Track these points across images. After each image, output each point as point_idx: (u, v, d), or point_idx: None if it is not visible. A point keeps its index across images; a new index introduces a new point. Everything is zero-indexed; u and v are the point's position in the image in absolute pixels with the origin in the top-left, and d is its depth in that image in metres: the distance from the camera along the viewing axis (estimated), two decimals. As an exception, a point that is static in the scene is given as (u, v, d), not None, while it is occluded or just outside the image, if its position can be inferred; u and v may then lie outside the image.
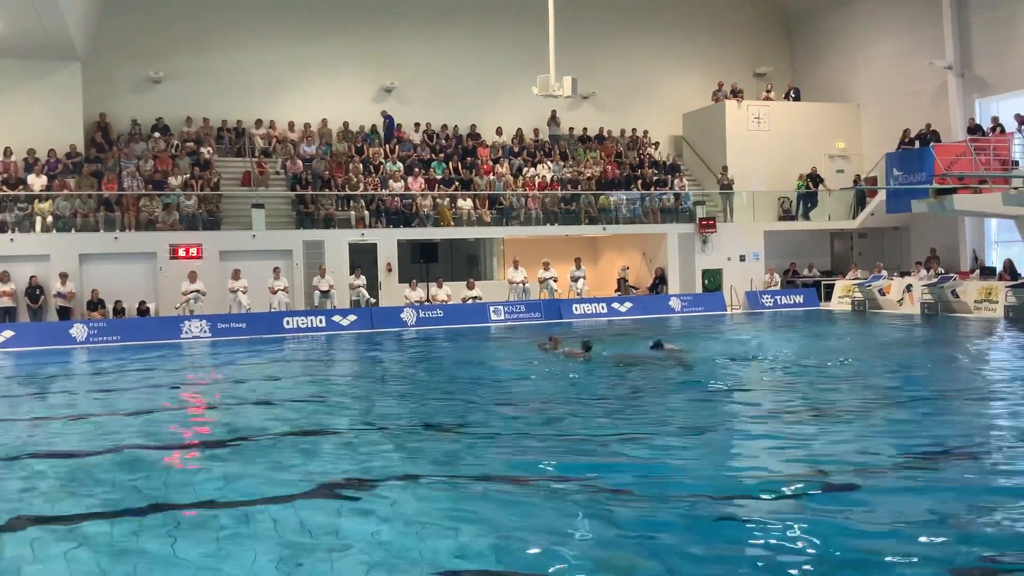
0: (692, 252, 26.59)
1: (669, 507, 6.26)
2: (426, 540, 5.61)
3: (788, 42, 32.81)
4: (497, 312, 23.27)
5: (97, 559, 5.43)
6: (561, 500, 6.50)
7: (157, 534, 5.86)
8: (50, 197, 22.13)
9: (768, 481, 6.96)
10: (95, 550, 5.61)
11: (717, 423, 9.53)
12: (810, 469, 7.32)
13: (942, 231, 26.04)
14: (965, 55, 25.93)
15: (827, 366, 13.68)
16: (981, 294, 21.50)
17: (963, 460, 7.55)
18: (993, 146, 21.93)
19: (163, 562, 5.34)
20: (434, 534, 5.73)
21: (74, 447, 8.86)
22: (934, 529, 5.69)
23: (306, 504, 6.47)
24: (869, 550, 5.29)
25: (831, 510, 6.11)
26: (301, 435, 9.14)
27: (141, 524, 6.09)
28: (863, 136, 29.80)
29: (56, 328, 20.29)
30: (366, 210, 24.25)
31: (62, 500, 6.84)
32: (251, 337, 20.55)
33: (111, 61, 25.32)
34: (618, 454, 7.99)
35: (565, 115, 29.67)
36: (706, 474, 7.25)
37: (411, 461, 7.85)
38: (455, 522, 5.96)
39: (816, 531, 5.62)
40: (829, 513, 6.03)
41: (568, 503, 6.42)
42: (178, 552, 5.49)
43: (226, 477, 7.39)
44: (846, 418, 9.49)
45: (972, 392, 11.24)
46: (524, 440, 8.68)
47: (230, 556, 5.42)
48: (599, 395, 11.45)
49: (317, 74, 27.47)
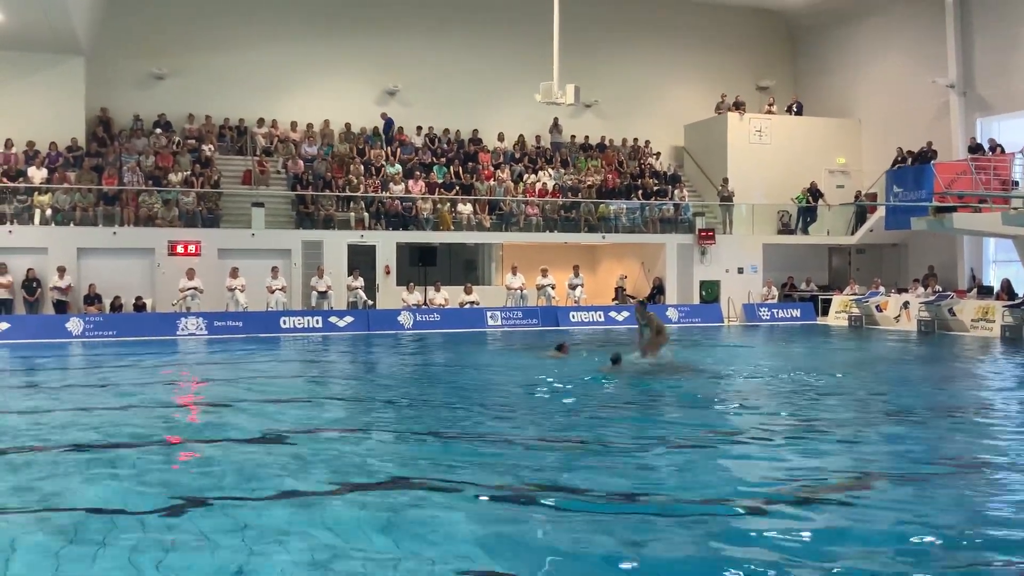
0: (691, 263, 26.61)
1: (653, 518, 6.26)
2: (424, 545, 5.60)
3: (791, 56, 32.89)
4: (494, 317, 23.28)
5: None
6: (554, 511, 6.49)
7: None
8: (50, 190, 22.12)
9: (747, 493, 6.96)
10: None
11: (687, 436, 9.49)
12: (788, 482, 7.34)
13: (940, 249, 26.07)
14: (967, 74, 26.01)
15: (813, 380, 13.66)
16: (978, 313, 21.53)
17: (950, 476, 7.55)
18: (994, 165, 21.98)
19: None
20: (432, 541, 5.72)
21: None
22: (917, 542, 5.69)
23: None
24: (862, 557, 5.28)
25: (812, 524, 6.11)
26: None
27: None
28: (864, 152, 29.85)
29: (52, 321, 20.27)
30: (366, 212, 24.25)
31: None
32: (247, 336, 20.53)
33: (115, 56, 25.31)
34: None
35: (567, 123, 29.70)
36: (692, 486, 7.24)
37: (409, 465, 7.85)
38: (446, 530, 5.95)
39: (801, 543, 5.62)
40: (810, 527, 6.04)
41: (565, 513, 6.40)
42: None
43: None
44: (825, 432, 9.47)
45: (960, 409, 11.21)
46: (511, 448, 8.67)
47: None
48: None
49: (320, 75, 27.48)
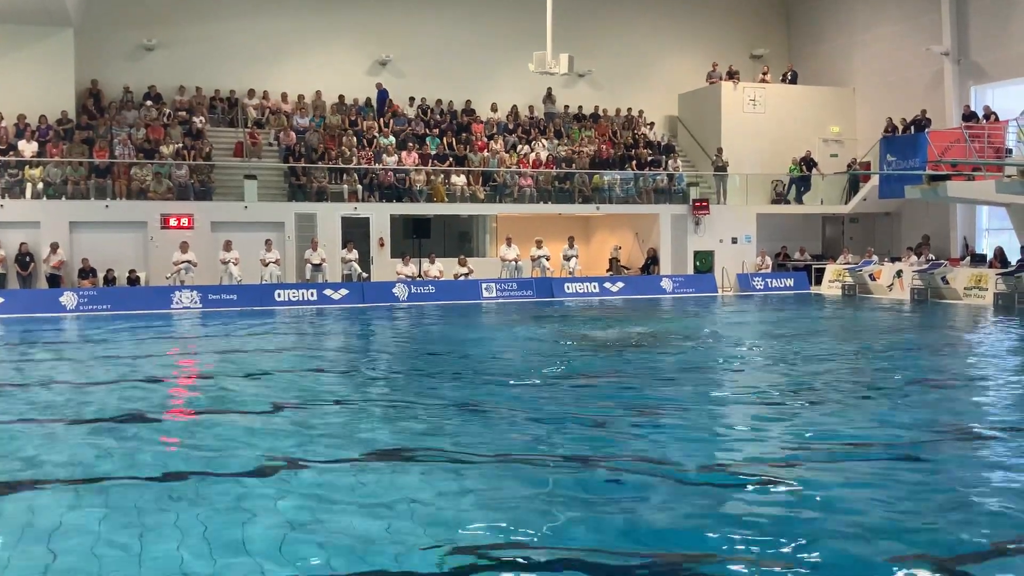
0: (684, 233, 26.61)
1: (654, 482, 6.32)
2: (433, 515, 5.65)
3: (785, 24, 32.70)
4: (489, 289, 23.29)
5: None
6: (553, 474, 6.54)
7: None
8: (41, 164, 21.96)
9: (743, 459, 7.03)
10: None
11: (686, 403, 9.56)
12: (779, 450, 7.41)
13: (934, 218, 26.12)
14: (962, 42, 25.91)
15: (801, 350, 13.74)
16: (971, 281, 21.61)
17: (944, 447, 7.63)
18: (988, 133, 21.95)
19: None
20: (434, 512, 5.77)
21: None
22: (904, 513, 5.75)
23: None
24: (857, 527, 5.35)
25: (807, 492, 6.17)
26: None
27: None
28: (858, 121, 29.76)
29: (46, 296, 20.21)
30: (359, 184, 24.16)
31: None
32: (242, 309, 20.51)
33: (104, 28, 25.01)
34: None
35: (560, 93, 29.52)
36: (686, 454, 7.30)
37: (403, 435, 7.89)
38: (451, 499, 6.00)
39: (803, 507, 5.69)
40: (804, 495, 6.10)
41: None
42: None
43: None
44: (817, 401, 9.54)
45: (950, 378, 11.30)
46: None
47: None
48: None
49: (312, 45, 27.22)
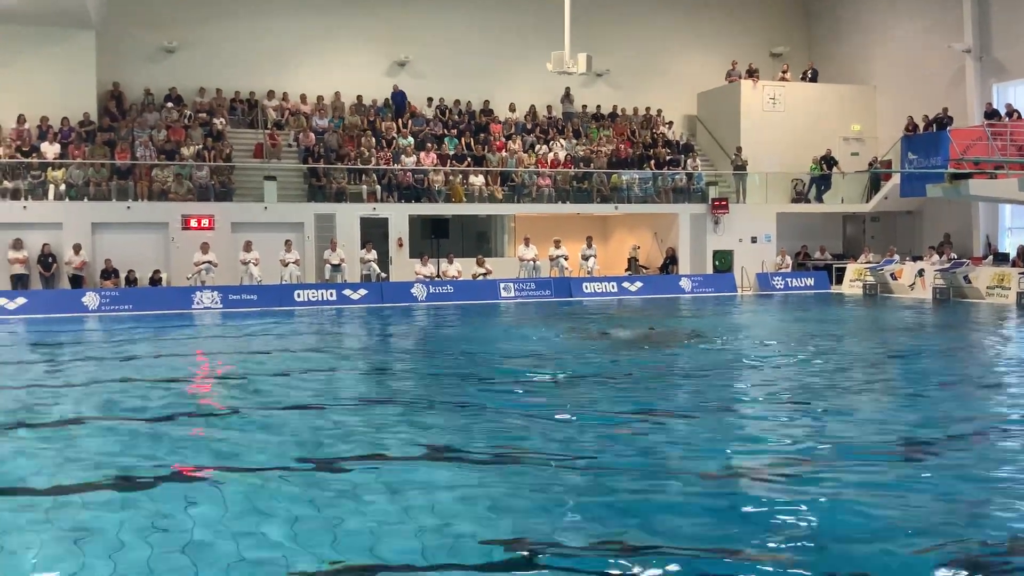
0: (704, 233, 26.51)
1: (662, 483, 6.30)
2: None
3: (805, 22, 32.50)
4: (507, 289, 23.30)
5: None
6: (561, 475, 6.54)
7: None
8: (63, 165, 22.17)
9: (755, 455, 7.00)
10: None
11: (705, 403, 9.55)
12: (790, 451, 7.38)
13: (955, 216, 25.89)
14: (984, 39, 25.66)
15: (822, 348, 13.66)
16: (994, 280, 21.42)
17: (955, 448, 7.57)
18: (1010, 131, 21.75)
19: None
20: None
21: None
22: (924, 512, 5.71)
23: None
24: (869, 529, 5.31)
25: (815, 491, 6.14)
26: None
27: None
28: (879, 119, 29.54)
29: (68, 296, 20.40)
30: (378, 184, 24.24)
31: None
32: (262, 309, 20.62)
33: (125, 30, 25.21)
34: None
35: (579, 92, 29.50)
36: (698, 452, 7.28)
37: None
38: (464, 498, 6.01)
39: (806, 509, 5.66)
40: (813, 494, 6.07)
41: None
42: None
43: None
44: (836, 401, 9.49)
45: (973, 379, 11.20)
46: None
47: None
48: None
49: (331, 47, 27.33)
